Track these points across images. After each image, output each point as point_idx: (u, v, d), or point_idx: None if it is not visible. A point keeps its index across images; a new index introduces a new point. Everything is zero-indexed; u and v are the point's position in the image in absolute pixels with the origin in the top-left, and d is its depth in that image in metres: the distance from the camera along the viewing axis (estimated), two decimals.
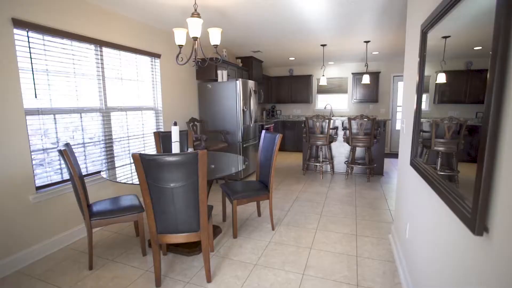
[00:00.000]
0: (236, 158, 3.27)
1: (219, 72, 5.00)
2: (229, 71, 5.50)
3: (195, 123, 4.79)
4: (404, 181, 2.48)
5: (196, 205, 2.11)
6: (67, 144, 2.51)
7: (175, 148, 2.85)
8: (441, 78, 1.64)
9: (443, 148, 1.59)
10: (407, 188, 2.32)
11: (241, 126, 4.97)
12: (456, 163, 1.38)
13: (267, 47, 5.80)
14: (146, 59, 4.11)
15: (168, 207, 2.08)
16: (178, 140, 2.86)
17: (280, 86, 8.48)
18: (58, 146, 2.88)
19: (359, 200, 4.10)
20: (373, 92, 7.62)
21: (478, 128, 1.06)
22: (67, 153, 2.26)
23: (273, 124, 7.36)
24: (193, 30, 2.64)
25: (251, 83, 5.39)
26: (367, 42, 5.29)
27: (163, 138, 3.56)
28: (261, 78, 7.40)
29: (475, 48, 1.20)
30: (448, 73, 1.58)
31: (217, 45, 2.86)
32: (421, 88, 1.99)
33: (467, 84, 1.33)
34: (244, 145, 5.12)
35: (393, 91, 7.84)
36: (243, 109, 5.02)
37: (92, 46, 3.24)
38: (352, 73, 7.75)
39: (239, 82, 4.84)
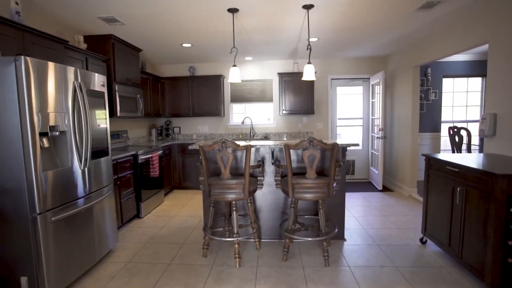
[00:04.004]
0: None
1: None
2: (38, 49, 2.51)
3: None
4: None
5: None
6: None
7: None
8: None
9: None
10: None
11: (40, 174, 2.03)
12: None
13: (129, 10, 3.02)
14: None
15: None
16: None
17: (178, 92, 5.72)
18: None
19: None
20: (307, 101, 5.48)
21: None
22: None
23: (160, 151, 4.48)
24: None
25: (88, 76, 2.51)
26: (308, 7, 2.98)
27: None
28: (138, 78, 4.53)
29: None
30: None
31: None
32: None
33: None
34: (55, 218, 2.16)
35: (331, 98, 5.87)
36: (50, 132, 2.10)
37: None
38: (279, 74, 5.50)
39: (24, 64, 1.92)
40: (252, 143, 3.02)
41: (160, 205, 4.59)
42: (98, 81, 2.72)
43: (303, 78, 3.09)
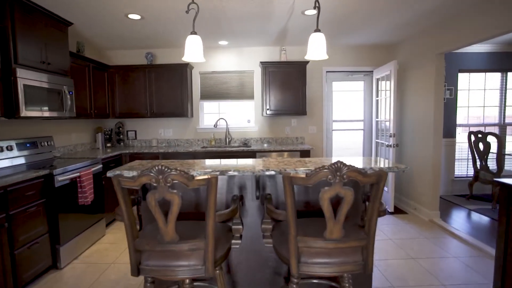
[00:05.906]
0: None
1: None
2: None
3: None
4: None
5: None
6: None
7: None
8: None
9: None
10: None
11: None
12: None
13: None
14: None
15: None
16: None
17: (132, 85, 4.39)
18: None
19: None
20: (298, 98, 4.33)
21: None
22: None
23: (97, 166, 3.11)
24: None
25: None
26: None
27: None
28: (66, 64, 3.19)
29: None
30: None
31: None
32: None
33: None
34: None
35: (326, 96, 4.75)
36: None
37: None
38: (262, 63, 4.30)
39: None
40: (224, 163, 1.81)
41: (98, 241, 3.26)
42: None
43: (306, 57, 1.92)
